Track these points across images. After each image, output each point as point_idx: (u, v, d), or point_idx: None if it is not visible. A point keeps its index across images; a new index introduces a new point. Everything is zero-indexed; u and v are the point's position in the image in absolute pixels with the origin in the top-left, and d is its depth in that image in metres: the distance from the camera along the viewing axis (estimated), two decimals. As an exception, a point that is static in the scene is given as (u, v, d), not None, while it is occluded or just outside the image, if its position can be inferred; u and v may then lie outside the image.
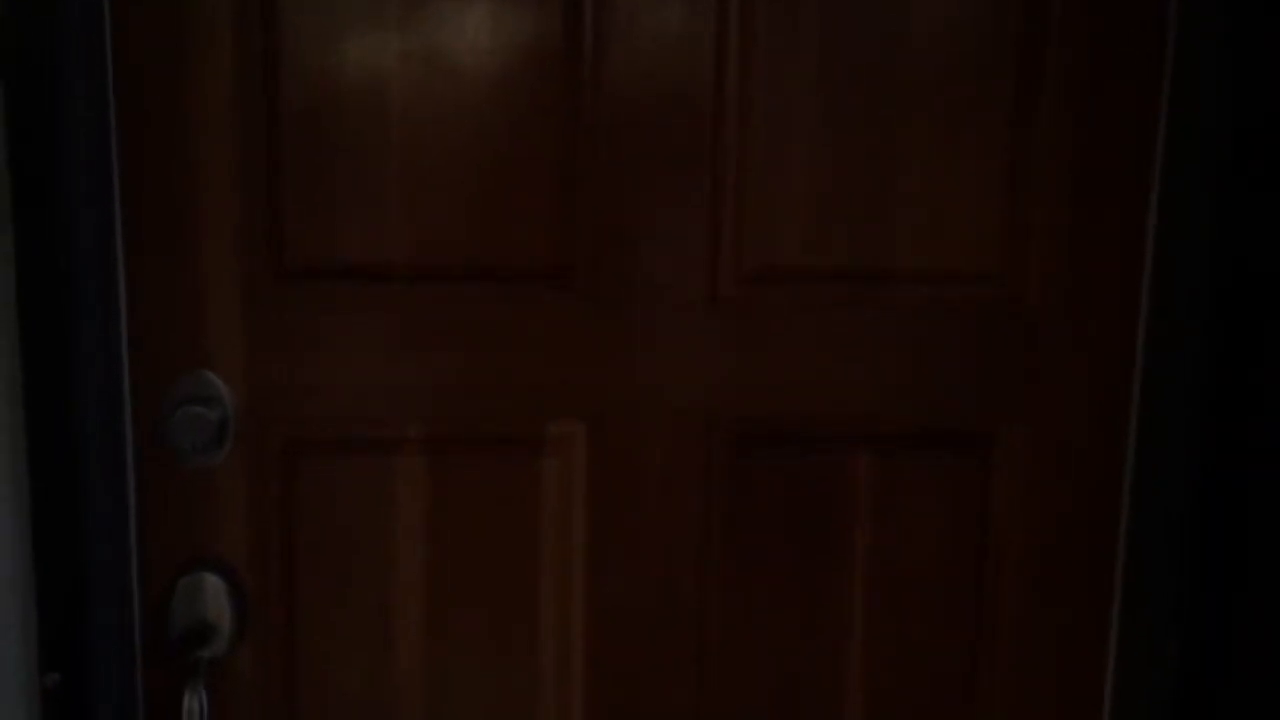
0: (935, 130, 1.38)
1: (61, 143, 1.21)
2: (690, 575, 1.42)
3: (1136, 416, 1.45)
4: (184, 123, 1.27)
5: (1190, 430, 1.42)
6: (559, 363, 1.37)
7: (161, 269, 1.29)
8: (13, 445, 1.23)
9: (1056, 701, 1.51)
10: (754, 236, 1.37)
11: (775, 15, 1.33)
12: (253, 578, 1.35)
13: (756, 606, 1.44)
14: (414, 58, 1.29)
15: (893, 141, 1.37)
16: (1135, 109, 1.39)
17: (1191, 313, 1.40)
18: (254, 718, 1.38)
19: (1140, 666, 1.48)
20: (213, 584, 1.34)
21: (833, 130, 1.36)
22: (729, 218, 1.36)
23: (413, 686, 1.41)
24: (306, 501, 1.36)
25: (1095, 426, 1.45)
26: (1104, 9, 1.36)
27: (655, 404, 1.39)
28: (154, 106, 1.26)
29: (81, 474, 1.24)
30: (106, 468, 1.26)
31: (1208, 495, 1.41)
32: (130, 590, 1.32)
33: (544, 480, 1.39)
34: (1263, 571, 1.37)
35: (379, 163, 1.30)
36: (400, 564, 1.38)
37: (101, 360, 1.25)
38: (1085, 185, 1.40)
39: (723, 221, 1.36)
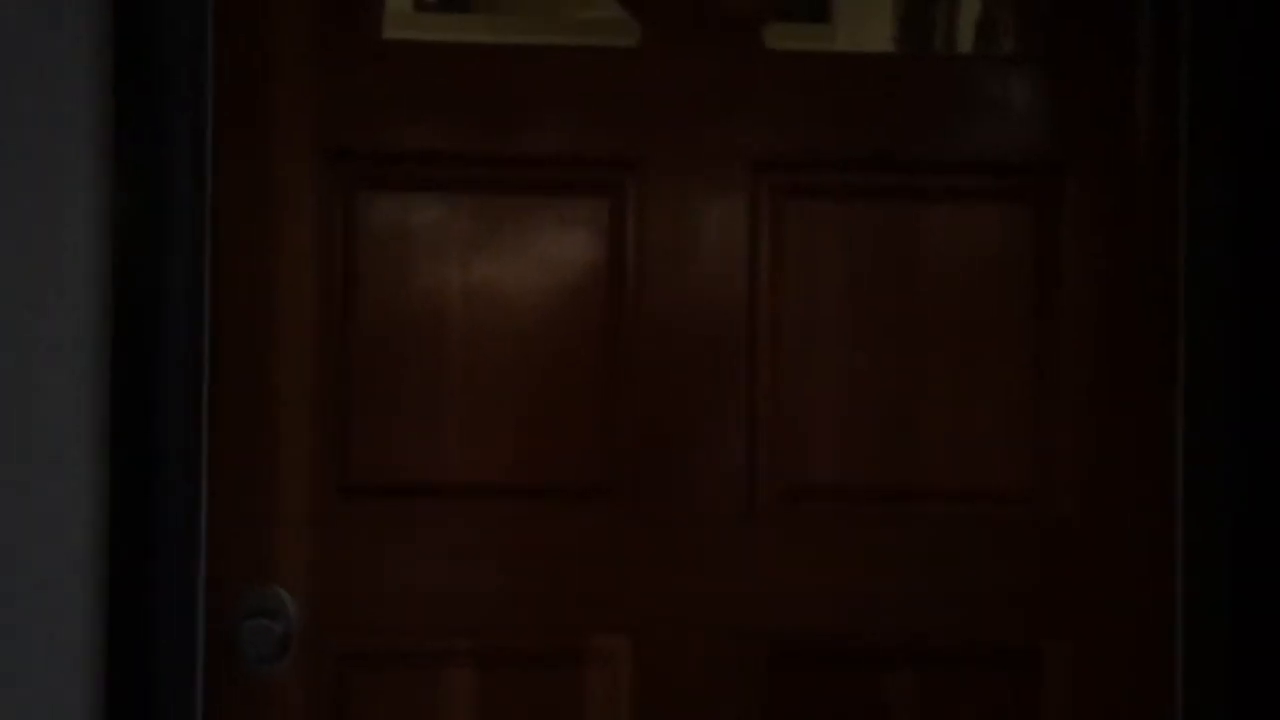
0: (959, 351, 1.46)
1: (157, 382, 1.36)
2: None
3: (1183, 623, 1.45)
4: (267, 361, 1.41)
5: (1238, 638, 1.43)
6: (603, 577, 1.44)
7: (240, 489, 1.40)
8: (91, 648, 1.33)
9: None
10: (788, 454, 1.45)
11: (803, 251, 1.46)
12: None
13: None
14: (473, 292, 1.43)
15: (918, 363, 1.46)
16: (1155, 313, 1.46)
17: (1230, 511, 1.43)
18: None
19: None
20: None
21: (861, 356, 1.46)
22: (764, 436, 1.45)
23: None
24: (361, 713, 1.42)
25: (1142, 636, 1.46)
26: (1117, 226, 1.46)
27: (695, 618, 1.43)
28: (241, 349, 1.41)
29: (156, 678, 1.34)
30: (179, 672, 1.35)
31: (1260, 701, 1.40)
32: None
33: (589, 693, 1.44)
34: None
35: (439, 390, 1.43)
36: (450, 777, 1.43)
37: (180, 572, 1.36)
38: (1109, 396, 1.46)
39: (758, 440, 1.45)
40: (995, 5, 1.84)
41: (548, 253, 1.45)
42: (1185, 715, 1.45)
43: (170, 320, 1.36)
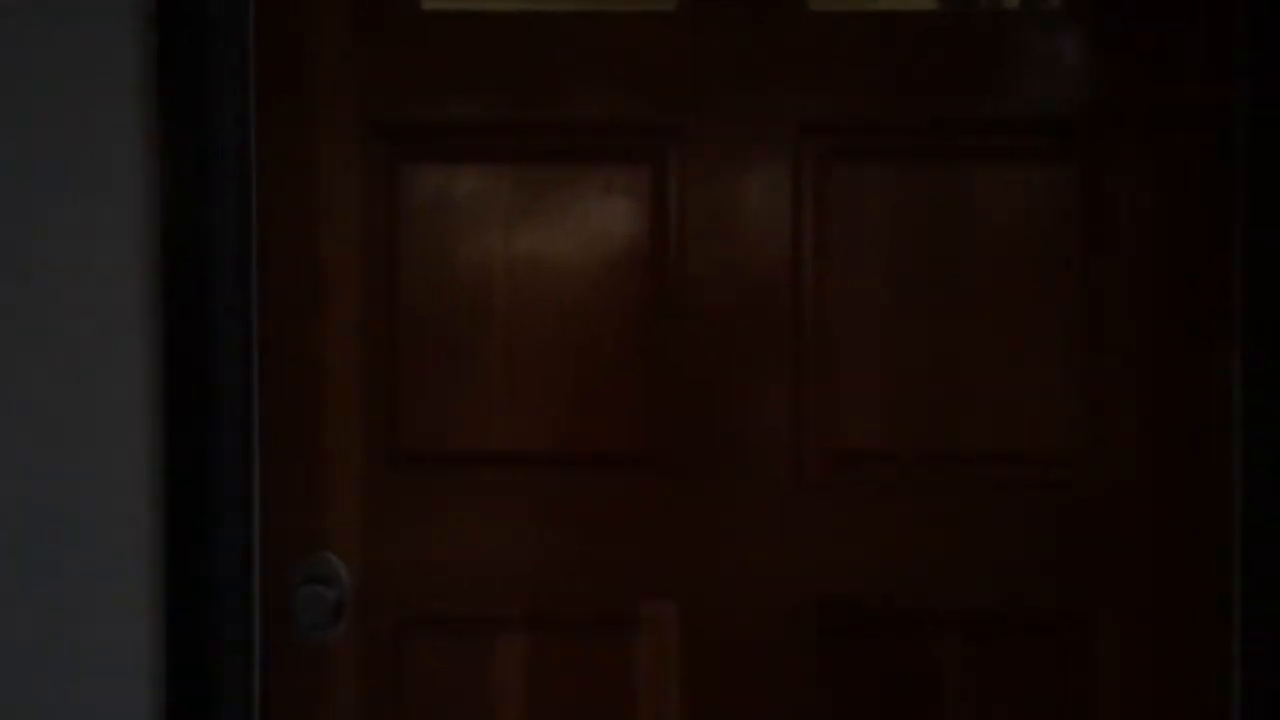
0: (1007, 311, 1.44)
1: (209, 355, 1.39)
2: (785, 756, 1.44)
3: (1240, 586, 1.43)
4: (315, 335, 1.43)
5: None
6: (651, 544, 1.44)
7: (291, 460, 1.43)
8: (152, 613, 1.37)
9: None
10: (834, 422, 1.45)
11: (847, 215, 1.45)
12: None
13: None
14: (517, 261, 1.44)
15: (965, 325, 1.44)
16: (1210, 270, 1.43)
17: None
18: None
19: None
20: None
21: (907, 319, 1.45)
22: (810, 405, 1.44)
23: None
24: (413, 679, 1.44)
25: (1198, 601, 1.43)
26: (1169, 182, 1.43)
27: (743, 585, 1.44)
28: (290, 323, 1.43)
29: (212, 645, 1.37)
30: (235, 639, 1.38)
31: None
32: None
33: (638, 658, 1.45)
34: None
35: (484, 359, 1.44)
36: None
37: (234, 540, 1.39)
38: (1164, 356, 1.43)
39: (804, 408, 1.44)
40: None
41: (591, 220, 1.45)
42: (1243, 681, 1.43)
43: (220, 292, 1.39)
